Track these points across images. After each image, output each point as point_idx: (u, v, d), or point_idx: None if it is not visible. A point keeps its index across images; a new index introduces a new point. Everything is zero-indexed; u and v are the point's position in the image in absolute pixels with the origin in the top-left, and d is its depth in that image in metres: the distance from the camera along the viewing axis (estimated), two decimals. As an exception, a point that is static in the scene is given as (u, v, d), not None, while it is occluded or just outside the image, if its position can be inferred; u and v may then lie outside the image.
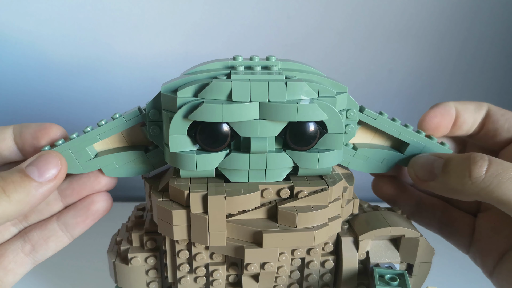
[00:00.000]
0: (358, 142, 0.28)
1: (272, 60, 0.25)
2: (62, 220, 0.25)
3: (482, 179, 0.22)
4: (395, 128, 0.26)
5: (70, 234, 0.26)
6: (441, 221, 0.30)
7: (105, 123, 0.24)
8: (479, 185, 0.22)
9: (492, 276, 0.27)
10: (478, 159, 0.22)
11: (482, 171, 0.22)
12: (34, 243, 0.25)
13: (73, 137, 0.24)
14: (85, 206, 0.25)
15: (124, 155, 0.25)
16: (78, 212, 0.25)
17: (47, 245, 0.25)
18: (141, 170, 0.26)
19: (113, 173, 0.25)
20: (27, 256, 0.25)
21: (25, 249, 0.25)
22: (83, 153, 0.24)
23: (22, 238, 0.25)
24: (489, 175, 0.22)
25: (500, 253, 0.26)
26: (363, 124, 0.26)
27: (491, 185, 0.21)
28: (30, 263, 0.25)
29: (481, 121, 0.28)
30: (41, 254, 0.25)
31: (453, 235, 0.30)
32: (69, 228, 0.25)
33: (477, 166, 0.22)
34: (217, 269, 0.25)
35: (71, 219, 0.25)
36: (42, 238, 0.25)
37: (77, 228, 0.25)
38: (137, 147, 0.26)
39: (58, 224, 0.25)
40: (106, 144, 0.26)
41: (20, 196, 0.21)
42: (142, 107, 0.25)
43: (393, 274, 0.26)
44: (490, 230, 0.28)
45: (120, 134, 0.25)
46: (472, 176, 0.22)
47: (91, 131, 0.24)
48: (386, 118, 0.26)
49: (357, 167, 0.27)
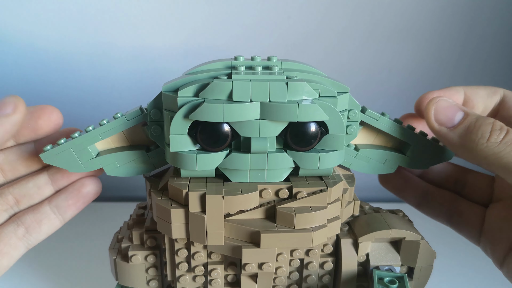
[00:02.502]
0: (360, 143, 0.27)
1: (273, 60, 0.25)
2: (54, 203, 0.26)
3: (497, 145, 0.22)
4: (398, 129, 0.26)
5: (62, 217, 0.26)
6: (450, 212, 0.30)
7: (107, 123, 0.24)
8: (492, 149, 0.22)
9: (502, 267, 0.26)
10: (498, 126, 0.23)
11: (500, 138, 0.22)
12: (27, 226, 0.25)
13: (75, 136, 0.24)
14: (76, 189, 0.26)
15: (126, 155, 0.25)
16: (69, 195, 0.26)
17: (40, 228, 0.25)
18: (142, 169, 0.26)
19: (115, 172, 0.25)
20: (20, 240, 0.25)
21: (18, 233, 0.25)
22: (85, 152, 0.24)
23: (15, 222, 0.25)
24: (504, 142, 0.22)
25: (510, 242, 0.26)
26: (365, 125, 0.26)
27: (503, 151, 0.22)
28: (24, 246, 0.25)
29: (495, 107, 0.27)
30: (34, 237, 0.26)
31: (462, 226, 0.29)
32: (61, 211, 0.26)
33: (496, 133, 0.22)
34: (215, 269, 0.26)
35: (63, 202, 0.26)
36: (35, 221, 0.25)
37: (69, 210, 0.26)
38: (139, 146, 0.26)
39: (50, 207, 0.26)
40: (107, 143, 0.26)
41: None
42: (143, 107, 0.25)
43: (393, 277, 0.25)
44: (500, 220, 0.27)
45: (121, 133, 0.26)
46: (489, 140, 0.22)
47: (92, 130, 0.24)
48: (388, 119, 0.26)
49: (359, 168, 0.27)
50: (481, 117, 0.24)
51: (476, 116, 0.24)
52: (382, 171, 0.27)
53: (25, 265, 0.41)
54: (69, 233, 0.45)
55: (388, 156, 0.27)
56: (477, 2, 0.50)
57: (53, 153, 0.24)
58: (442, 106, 0.25)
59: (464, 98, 0.27)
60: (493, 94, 0.27)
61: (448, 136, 0.24)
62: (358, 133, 0.26)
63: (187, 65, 0.30)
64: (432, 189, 0.30)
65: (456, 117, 0.24)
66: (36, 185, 0.25)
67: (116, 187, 0.56)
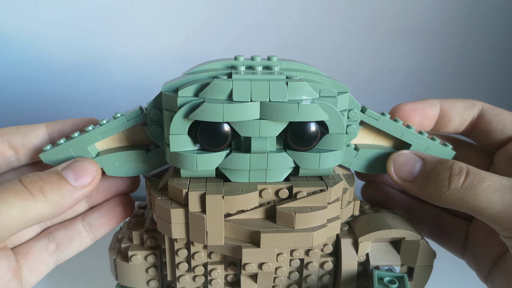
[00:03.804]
0: (360, 142, 0.27)
1: (273, 60, 0.25)
2: (87, 220, 0.26)
3: (459, 190, 0.22)
4: (397, 129, 0.26)
5: (93, 234, 0.26)
6: (433, 226, 0.30)
7: (107, 122, 0.24)
8: (455, 195, 0.22)
9: (487, 281, 0.27)
10: (457, 171, 0.22)
11: (460, 183, 0.22)
12: (58, 242, 0.25)
13: (75, 136, 0.24)
14: (110, 208, 0.26)
15: (125, 155, 0.25)
16: (103, 213, 0.26)
17: (71, 245, 0.25)
18: (142, 169, 0.26)
19: (114, 172, 0.25)
20: (50, 255, 0.25)
21: (49, 249, 0.25)
22: (85, 152, 0.24)
23: (47, 237, 0.25)
24: (465, 187, 0.22)
25: (494, 257, 0.26)
26: (365, 124, 0.26)
27: (466, 196, 0.22)
28: (53, 262, 0.25)
29: (473, 120, 0.27)
30: (64, 254, 0.25)
31: (446, 241, 0.29)
32: (93, 229, 0.26)
33: (455, 178, 0.22)
34: (215, 268, 0.25)
35: (96, 220, 0.26)
36: (67, 238, 0.25)
37: (101, 229, 0.26)
38: (138, 146, 0.26)
39: (83, 225, 0.26)
40: (107, 143, 0.26)
41: (56, 198, 0.21)
42: (143, 107, 0.25)
43: (393, 277, 0.25)
44: (484, 235, 0.27)
45: (121, 133, 0.26)
46: (450, 187, 0.22)
47: (92, 130, 0.24)
48: (388, 118, 0.26)
49: (359, 167, 0.27)
50: (439, 163, 0.24)
51: (434, 162, 0.24)
52: (382, 171, 0.27)
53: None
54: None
55: (388, 156, 0.27)
56: (477, 2, 0.50)
57: (53, 153, 0.24)
58: (400, 162, 0.25)
59: (440, 111, 0.27)
60: (470, 107, 0.27)
61: (412, 190, 0.25)
62: (358, 132, 0.26)
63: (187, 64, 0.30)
64: (415, 203, 0.31)
65: (415, 169, 0.24)
66: None
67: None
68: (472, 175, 0.22)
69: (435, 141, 0.26)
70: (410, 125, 0.26)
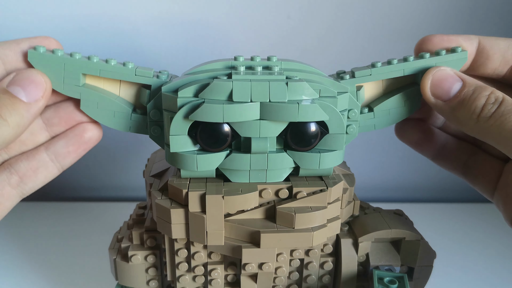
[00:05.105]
0: (371, 97, 0.26)
1: (273, 60, 0.25)
2: (52, 149, 0.24)
3: (487, 119, 0.21)
4: (396, 68, 0.25)
5: (60, 164, 0.24)
6: (466, 165, 0.28)
7: (114, 64, 0.23)
8: (482, 124, 0.21)
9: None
10: (492, 100, 0.21)
11: (491, 112, 0.21)
12: (21, 174, 0.23)
13: (75, 56, 0.23)
14: (77, 134, 0.24)
15: (110, 102, 0.24)
16: (69, 141, 0.24)
17: (36, 177, 0.24)
18: (117, 124, 0.25)
19: (89, 111, 0.24)
20: (14, 188, 0.23)
21: (12, 181, 0.23)
22: (75, 76, 0.23)
23: (7, 170, 0.23)
24: (493, 116, 0.21)
25: None
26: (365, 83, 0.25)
27: (493, 125, 0.21)
28: (18, 196, 0.24)
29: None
30: (29, 187, 0.24)
31: (477, 180, 0.28)
32: (60, 158, 0.24)
33: (488, 107, 0.21)
34: (215, 268, 0.26)
35: (62, 149, 0.24)
36: (31, 169, 0.24)
37: (68, 157, 0.24)
38: (126, 102, 0.25)
39: (48, 154, 0.24)
40: (99, 82, 0.24)
41: (16, 119, 0.20)
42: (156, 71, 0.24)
43: (393, 277, 0.25)
44: None
45: (119, 81, 0.25)
46: (480, 115, 0.21)
47: (95, 62, 0.23)
48: (380, 65, 0.25)
49: (383, 124, 0.26)
50: (479, 88, 0.22)
51: (474, 86, 0.22)
52: (408, 113, 0.26)
53: (25, 265, 0.41)
54: (69, 233, 0.45)
55: (406, 95, 0.25)
56: (477, 2, 0.50)
57: (42, 57, 0.22)
58: (439, 78, 0.23)
59: (477, 48, 0.25)
60: (509, 45, 0.25)
61: (443, 110, 0.23)
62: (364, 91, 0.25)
63: (187, 65, 0.30)
64: (452, 140, 0.29)
65: (453, 89, 0.23)
66: (29, 130, 0.23)
67: (116, 187, 0.56)
68: (505, 105, 0.21)
69: (441, 53, 0.25)
70: (407, 56, 0.25)
